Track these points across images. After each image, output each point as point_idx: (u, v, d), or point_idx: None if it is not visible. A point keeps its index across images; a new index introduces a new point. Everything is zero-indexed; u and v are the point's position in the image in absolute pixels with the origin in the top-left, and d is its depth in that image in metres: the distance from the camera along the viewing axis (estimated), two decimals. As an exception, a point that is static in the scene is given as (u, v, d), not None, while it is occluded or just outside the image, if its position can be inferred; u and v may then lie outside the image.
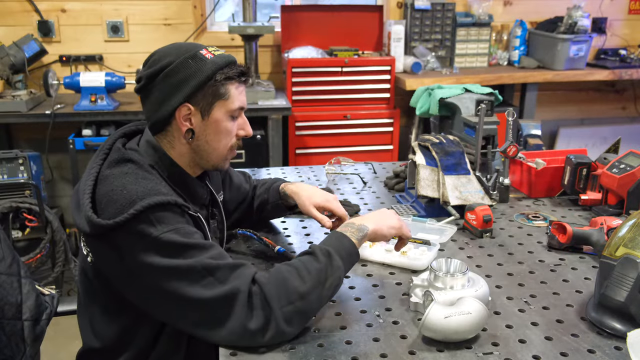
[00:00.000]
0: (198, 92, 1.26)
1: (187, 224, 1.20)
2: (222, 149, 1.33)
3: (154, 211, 1.15)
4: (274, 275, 1.16)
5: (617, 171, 1.70)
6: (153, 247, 1.13)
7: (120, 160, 1.25)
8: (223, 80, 1.27)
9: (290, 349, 1.13)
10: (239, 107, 1.31)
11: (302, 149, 3.62)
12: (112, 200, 1.17)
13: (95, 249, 1.23)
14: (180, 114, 1.27)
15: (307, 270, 1.16)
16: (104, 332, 1.30)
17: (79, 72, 3.33)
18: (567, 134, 4.41)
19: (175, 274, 1.12)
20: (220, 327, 1.12)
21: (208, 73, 1.25)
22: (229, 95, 1.29)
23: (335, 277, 1.19)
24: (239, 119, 1.35)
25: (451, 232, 1.64)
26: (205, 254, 1.14)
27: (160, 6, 3.66)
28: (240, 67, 1.30)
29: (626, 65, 3.98)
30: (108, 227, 1.13)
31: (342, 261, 1.21)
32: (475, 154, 1.81)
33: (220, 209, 1.48)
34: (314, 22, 3.80)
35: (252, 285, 1.14)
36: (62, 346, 2.56)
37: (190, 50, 1.27)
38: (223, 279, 1.13)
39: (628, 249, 1.16)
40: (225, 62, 1.28)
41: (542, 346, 1.13)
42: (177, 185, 1.30)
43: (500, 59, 4.06)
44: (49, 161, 3.58)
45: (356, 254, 1.27)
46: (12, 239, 2.90)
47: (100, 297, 1.30)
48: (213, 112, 1.28)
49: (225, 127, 1.31)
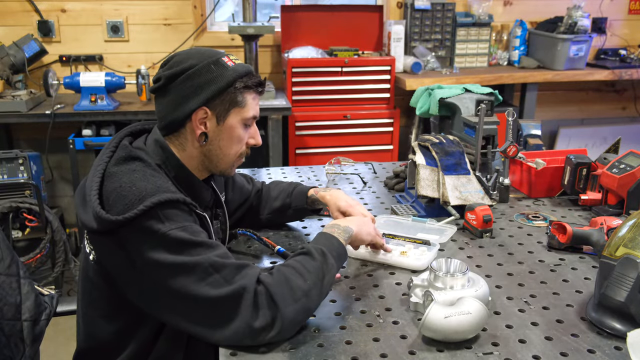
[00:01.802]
0: (217, 97, 1.28)
1: (194, 223, 1.21)
2: (232, 156, 1.36)
3: (163, 208, 1.15)
4: (276, 274, 1.17)
5: (617, 171, 1.70)
6: (161, 243, 1.13)
7: (128, 158, 1.25)
8: (242, 88, 1.30)
9: (290, 349, 1.12)
10: (252, 116, 1.34)
11: (302, 149, 3.62)
12: (120, 197, 1.17)
13: (100, 246, 1.23)
14: (197, 117, 1.28)
15: (306, 269, 1.18)
16: (103, 332, 1.30)
17: (79, 72, 3.33)
18: (567, 134, 4.42)
19: (182, 271, 1.12)
20: (224, 326, 1.12)
21: (229, 80, 1.28)
22: (246, 104, 1.32)
23: (331, 274, 1.23)
24: (251, 128, 1.38)
25: (451, 232, 1.64)
26: (212, 252, 1.15)
27: (160, 6, 3.66)
28: (259, 78, 1.34)
29: (626, 65, 3.98)
30: (117, 223, 1.14)
31: (335, 260, 1.25)
32: (475, 154, 1.81)
33: (224, 210, 1.49)
34: (314, 22, 3.80)
35: (257, 285, 1.14)
36: (61, 346, 2.56)
37: (213, 56, 1.30)
38: (229, 277, 1.13)
39: (628, 249, 1.16)
40: (246, 71, 1.31)
41: (542, 346, 1.13)
42: (183, 186, 1.31)
43: (500, 59, 4.06)
44: (49, 161, 3.58)
45: (345, 254, 1.31)
46: (12, 239, 2.90)
47: (101, 296, 1.30)
48: (229, 119, 1.31)
49: (238, 134, 1.34)
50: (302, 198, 1.63)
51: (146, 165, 1.25)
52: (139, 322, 1.26)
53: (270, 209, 1.66)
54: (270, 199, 1.66)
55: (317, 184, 2.08)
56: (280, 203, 1.64)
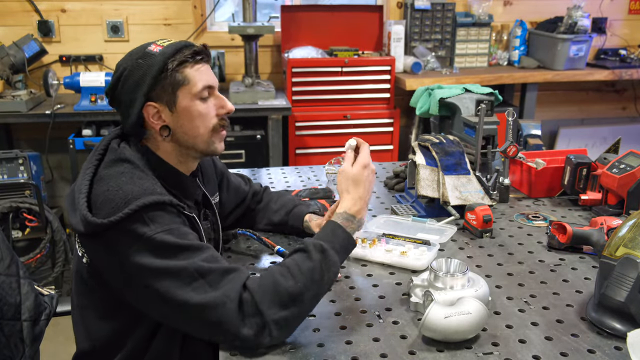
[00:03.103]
0: (156, 87, 1.25)
1: (182, 224, 1.20)
2: (205, 134, 1.30)
3: (148, 211, 1.14)
4: (265, 279, 1.13)
5: (617, 171, 1.70)
6: (146, 246, 1.13)
7: (117, 160, 1.25)
8: (177, 66, 1.24)
9: (290, 349, 1.12)
10: (203, 87, 1.27)
11: (302, 149, 3.62)
12: (107, 200, 1.17)
13: (90, 249, 1.23)
14: (149, 114, 1.27)
15: (299, 270, 1.13)
16: (99, 334, 1.30)
17: (79, 72, 3.33)
18: (567, 134, 4.41)
19: (166, 276, 1.11)
20: (214, 331, 1.11)
21: (159, 65, 1.23)
22: (188, 80, 1.25)
23: (332, 272, 1.17)
24: (213, 98, 1.31)
25: (451, 232, 1.64)
26: (199, 256, 1.13)
27: (160, 6, 3.66)
28: (193, 48, 1.27)
29: (626, 65, 3.98)
30: (103, 226, 1.13)
31: (338, 254, 1.19)
32: (475, 154, 1.81)
33: (214, 211, 1.47)
34: (314, 22, 3.80)
35: (243, 292, 1.11)
36: (61, 346, 2.56)
37: (140, 51, 1.27)
38: (214, 283, 1.11)
39: (628, 249, 1.16)
40: (174, 49, 1.25)
41: (542, 346, 1.13)
42: (170, 183, 1.29)
43: (500, 59, 4.06)
44: (49, 161, 3.58)
45: (352, 244, 1.25)
46: (12, 239, 2.90)
47: (95, 298, 1.29)
48: (179, 102, 1.26)
49: (198, 111, 1.28)
50: (299, 221, 1.60)
51: (135, 167, 1.24)
52: (135, 321, 1.26)
53: (268, 221, 1.63)
54: (270, 210, 1.64)
55: (317, 184, 2.08)
56: (278, 218, 1.62)
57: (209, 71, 1.30)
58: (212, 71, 1.32)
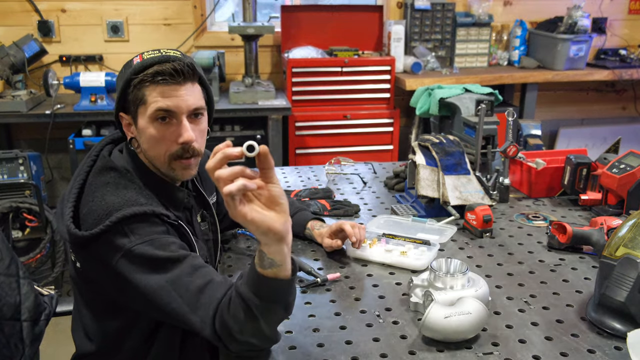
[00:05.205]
0: (124, 99, 1.23)
1: (165, 234, 1.18)
2: (163, 157, 1.24)
3: (128, 222, 1.14)
4: (231, 305, 1.05)
5: (617, 171, 1.70)
6: (126, 258, 1.13)
7: (104, 169, 1.25)
8: (138, 84, 1.19)
9: (290, 349, 1.12)
10: (157, 110, 1.19)
11: (302, 149, 3.62)
12: (91, 211, 1.18)
13: (79, 256, 1.24)
14: (124, 123, 1.28)
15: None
16: (97, 336, 1.30)
17: (79, 72, 3.33)
18: (567, 134, 4.41)
19: (145, 288, 1.12)
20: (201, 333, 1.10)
21: (126, 79, 1.20)
22: (146, 100, 1.19)
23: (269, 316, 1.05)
24: (174, 123, 1.21)
25: (451, 232, 1.64)
26: (178, 268, 1.11)
27: (160, 6, 3.66)
28: (164, 67, 1.18)
29: (626, 65, 3.98)
30: (84, 239, 1.14)
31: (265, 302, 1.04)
32: (475, 154, 1.81)
33: (212, 211, 1.46)
34: (314, 22, 3.80)
35: (214, 315, 1.06)
36: (61, 346, 2.55)
37: (130, 59, 1.25)
38: (191, 304, 1.08)
39: (628, 249, 1.16)
40: (142, 66, 1.19)
41: (542, 346, 1.13)
42: (155, 191, 1.26)
43: (500, 59, 4.06)
44: (49, 161, 3.58)
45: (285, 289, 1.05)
46: (12, 239, 2.90)
47: (91, 301, 1.30)
48: (139, 120, 1.22)
49: (151, 134, 1.21)
50: (300, 227, 1.59)
51: (121, 175, 1.23)
52: (132, 323, 1.26)
53: None
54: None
55: (317, 184, 2.08)
56: None
57: (176, 93, 1.20)
58: (194, 93, 1.23)
